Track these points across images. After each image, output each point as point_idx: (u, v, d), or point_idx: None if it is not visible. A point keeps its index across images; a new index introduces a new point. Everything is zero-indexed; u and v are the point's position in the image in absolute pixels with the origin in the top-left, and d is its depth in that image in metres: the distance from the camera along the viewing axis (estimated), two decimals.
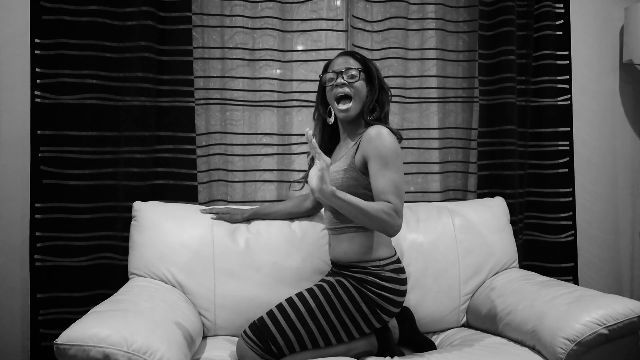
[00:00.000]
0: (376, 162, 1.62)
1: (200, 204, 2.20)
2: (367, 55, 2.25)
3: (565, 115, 2.46)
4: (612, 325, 1.56)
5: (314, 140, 1.47)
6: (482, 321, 1.93)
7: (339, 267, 1.77)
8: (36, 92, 2.06)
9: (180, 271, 1.84)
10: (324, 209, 1.96)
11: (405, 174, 2.43)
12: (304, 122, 2.35)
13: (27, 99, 2.10)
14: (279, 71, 2.35)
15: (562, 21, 2.45)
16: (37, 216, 2.07)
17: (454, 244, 2.03)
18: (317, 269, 1.91)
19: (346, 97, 1.74)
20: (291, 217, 2.00)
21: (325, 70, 1.83)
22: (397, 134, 1.71)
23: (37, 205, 2.07)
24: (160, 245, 1.86)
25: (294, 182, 2.04)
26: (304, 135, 2.27)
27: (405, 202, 2.32)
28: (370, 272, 1.68)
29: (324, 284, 1.70)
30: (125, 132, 2.10)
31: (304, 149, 2.33)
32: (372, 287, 1.66)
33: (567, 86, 2.46)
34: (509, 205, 2.23)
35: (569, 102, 2.46)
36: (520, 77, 2.40)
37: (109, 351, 1.32)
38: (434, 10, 2.43)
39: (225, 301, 1.84)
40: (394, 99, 2.34)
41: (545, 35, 2.42)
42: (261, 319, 1.66)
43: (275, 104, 2.34)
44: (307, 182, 1.74)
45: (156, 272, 1.83)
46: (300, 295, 1.69)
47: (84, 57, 2.08)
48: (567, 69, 2.46)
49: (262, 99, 2.33)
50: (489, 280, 2.02)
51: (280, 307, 1.67)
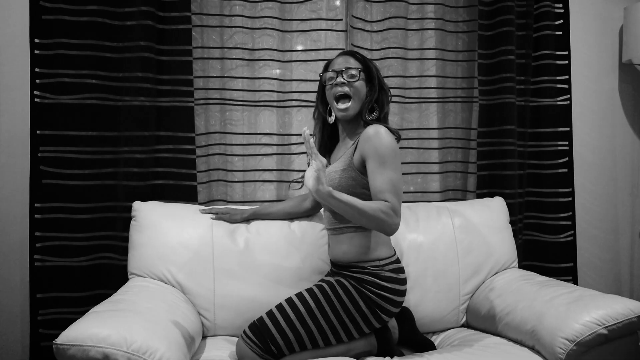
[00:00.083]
0: (374, 161, 1.62)
1: (199, 204, 2.20)
2: (367, 55, 2.25)
3: (564, 115, 2.46)
4: (611, 325, 1.56)
5: (312, 140, 1.47)
6: (482, 321, 1.93)
7: (338, 267, 1.77)
8: (36, 92, 2.06)
9: (179, 271, 1.84)
10: (323, 209, 1.96)
11: (404, 174, 2.44)
12: (303, 122, 2.35)
13: (26, 99, 2.10)
14: (278, 71, 2.35)
15: (561, 21, 2.45)
16: (36, 216, 2.07)
17: (453, 244, 2.03)
18: (317, 269, 1.91)
19: (345, 97, 1.74)
20: (291, 217, 2.00)
21: (325, 69, 1.82)
22: (395, 133, 1.70)
23: (36, 205, 2.07)
24: (159, 245, 1.85)
25: (294, 181, 2.04)
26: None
27: (404, 202, 2.34)
28: (369, 272, 1.68)
29: (324, 284, 1.70)
30: (124, 132, 2.10)
31: (304, 149, 2.33)
32: (371, 287, 1.66)
33: (566, 86, 2.46)
34: (508, 205, 2.23)
35: (569, 102, 2.46)
36: (519, 77, 2.40)
37: (109, 351, 1.32)
38: (434, 10, 2.43)
39: (224, 301, 1.84)
40: (394, 99, 2.34)
41: (544, 35, 2.42)
42: (261, 319, 1.66)
43: (274, 104, 2.34)
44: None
45: (156, 272, 1.83)
46: (299, 295, 1.68)
47: (83, 57, 2.08)
48: (566, 69, 2.46)
49: (262, 99, 2.33)
50: (489, 280, 2.03)
51: (279, 307, 1.67)
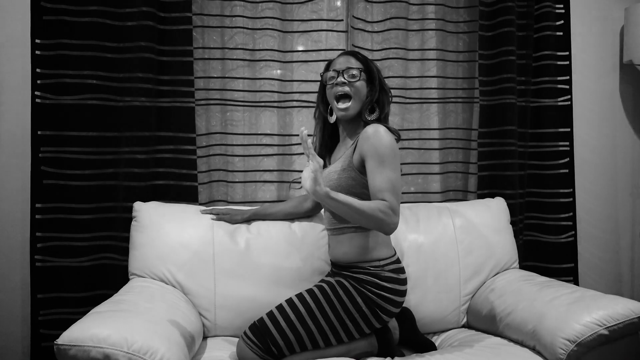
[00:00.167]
0: (373, 160, 1.62)
1: (200, 204, 2.20)
2: (367, 55, 2.24)
3: (565, 115, 2.46)
4: (612, 326, 1.56)
5: (309, 141, 1.47)
6: (483, 322, 1.93)
7: (338, 267, 1.77)
8: (37, 93, 2.06)
9: (180, 271, 1.84)
10: (323, 209, 1.96)
11: (405, 174, 2.44)
12: (304, 123, 2.35)
13: (27, 100, 2.10)
14: (279, 72, 2.35)
15: (562, 22, 2.45)
16: (37, 216, 2.07)
17: (454, 245, 2.02)
18: (317, 269, 1.91)
19: (346, 96, 1.74)
20: (291, 217, 1.99)
21: (326, 68, 1.83)
22: (395, 132, 1.71)
23: (37, 205, 2.07)
24: (160, 245, 1.86)
25: (293, 182, 2.04)
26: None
27: (405, 202, 2.35)
28: (369, 273, 1.68)
29: (324, 285, 1.70)
30: (125, 133, 2.10)
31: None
32: (371, 288, 1.66)
33: (567, 87, 2.46)
34: (509, 205, 2.23)
35: (569, 102, 2.46)
36: (520, 78, 2.39)
37: (109, 351, 1.32)
38: (434, 10, 2.43)
39: (225, 301, 1.84)
40: (395, 100, 2.34)
41: (545, 35, 2.42)
42: (261, 319, 1.66)
43: (275, 104, 2.34)
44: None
45: (156, 273, 1.83)
46: (300, 296, 1.68)
47: (84, 57, 2.09)
48: (567, 70, 2.46)
49: (263, 100, 2.33)
50: (489, 280, 2.02)
51: (280, 307, 1.67)
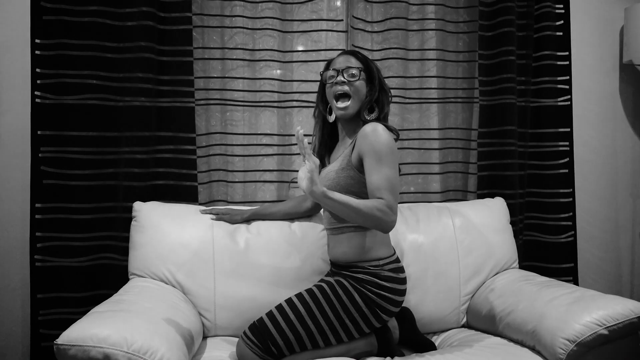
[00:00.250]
0: (371, 158, 1.62)
1: (200, 204, 2.20)
2: (367, 55, 2.25)
3: (565, 115, 2.46)
4: (612, 325, 1.56)
5: (305, 140, 1.47)
6: (483, 322, 1.93)
7: (338, 267, 1.77)
8: (36, 93, 2.06)
9: (180, 271, 1.84)
10: (323, 209, 1.96)
11: (405, 174, 2.44)
12: (304, 123, 2.35)
13: (27, 99, 2.10)
14: (279, 72, 2.35)
15: (562, 22, 2.45)
16: (37, 216, 2.07)
17: (454, 245, 2.02)
18: (317, 269, 1.91)
19: (345, 96, 1.74)
20: (291, 217, 1.99)
21: (326, 67, 1.83)
22: (394, 131, 1.71)
23: (37, 205, 2.07)
24: (160, 245, 1.85)
25: (293, 181, 2.04)
26: (304, 135, 2.27)
27: (405, 202, 2.35)
28: (369, 272, 1.68)
29: (323, 285, 1.70)
30: (125, 133, 2.10)
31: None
32: (371, 287, 1.66)
33: (567, 87, 2.46)
34: (509, 205, 2.23)
35: (569, 102, 2.46)
36: (520, 78, 2.39)
37: (109, 351, 1.32)
38: (434, 10, 2.43)
39: (225, 301, 1.84)
40: (395, 100, 2.34)
41: (545, 35, 2.42)
42: (261, 319, 1.66)
43: (275, 104, 2.34)
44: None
45: (156, 273, 1.83)
46: (299, 295, 1.68)
47: (84, 57, 2.08)
48: (567, 70, 2.46)
49: (263, 100, 2.33)
50: (489, 280, 2.02)
51: (279, 307, 1.67)
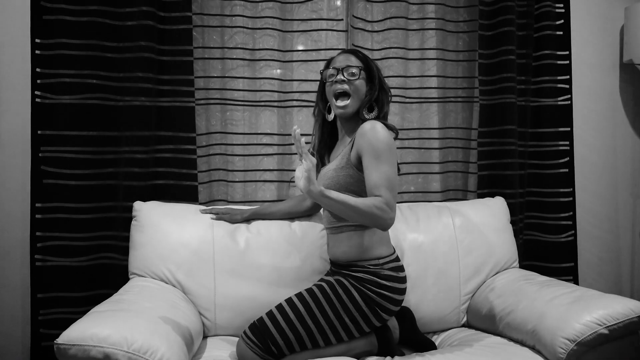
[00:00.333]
0: (369, 156, 1.62)
1: (200, 204, 2.20)
2: (368, 55, 2.25)
3: (565, 115, 2.46)
4: (612, 325, 1.56)
5: (302, 139, 1.47)
6: (483, 321, 1.93)
7: (338, 266, 1.77)
8: (36, 92, 2.06)
9: (180, 271, 1.84)
10: (322, 208, 1.96)
11: (405, 173, 2.44)
12: (304, 122, 2.35)
13: (27, 99, 2.10)
14: (279, 71, 2.35)
15: (562, 21, 2.45)
16: (37, 216, 2.07)
17: (454, 244, 2.02)
18: (317, 268, 1.91)
19: (344, 94, 1.74)
20: (291, 216, 1.99)
21: (326, 66, 1.83)
22: (392, 129, 1.71)
23: (37, 205, 2.07)
24: (160, 245, 1.86)
25: (293, 180, 2.04)
26: (304, 135, 2.27)
27: (405, 202, 2.35)
28: (369, 271, 1.68)
29: (323, 284, 1.70)
30: (125, 132, 2.10)
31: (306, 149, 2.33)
32: (371, 286, 1.66)
33: (567, 86, 2.46)
34: (509, 205, 2.23)
35: (569, 102, 2.46)
36: (520, 77, 2.39)
37: (109, 351, 1.32)
38: (434, 10, 2.43)
39: (225, 301, 1.84)
40: (395, 99, 2.34)
41: (545, 35, 2.42)
42: (261, 319, 1.66)
43: (275, 104, 2.34)
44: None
45: (156, 272, 1.83)
46: (299, 295, 1.68)
47: (84, 57, 2.08)
48: (567, 69, 2.46)
49: (263, 99, 2.33)
50: (489, 280, 2.02)
51: (279, 307, 1.67)
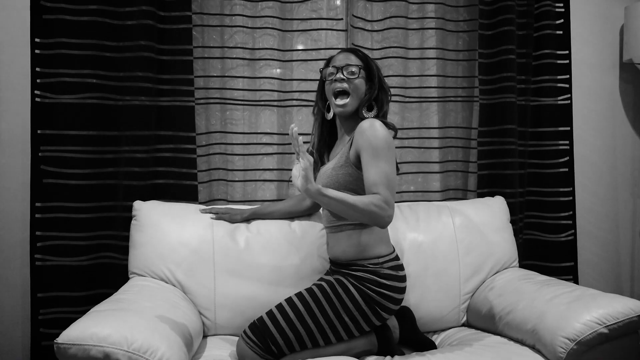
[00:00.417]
0: (368, 153, 1.62)
1: (200, 203, 2.20)
2: (367, 54, 2.25)
3: (565, 114, 2.46)
4: (612, 324, 1.56)
5: (300, 138, 1.47)
6: (483, 320, 1.93)
7: (337, 265, 1.77)
8: (36, 92, 2.06)
9: (180, 270, 1.84)
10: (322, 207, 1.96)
11: (405, 173, 2.44)
12: (304, 122, 2.35)
13: (27, 99, 2.10)
14: (279, 70, 2.35)
15: (562, 20, 2.45)
16: (37, 215, 2.07)
17: (454, 243, 2.02)
18: (317, 268, 1.91)
19: (344, 93, 1.74)
20: (291, 216, 1.99)
21: (326, 64, 1.83)
22: (391, 127, 1.71)
23: (37, 204, 2.07)
24: (160, 244, 1.86)
25: (292, 179, 2.04)
26: (303, 134, 2.27)
27: (405, 201, 2.35)
28: (368, 270, 1.68)
29: (323, 283, 1.70)
30: (125, 132, 2.10)
31: (304, 148, 2.33)
32: (371, 285, 1.66)
33: (567, 85, 2.46)
34: (509, 204, 2.23)
35: (569, 101, 2.46)
36: (520, 77, 2.39)
37: (110, 350, 1.32)
38: (434, 9, 2.43)
39: (225, 300, 1.84)
40: (394, 99, 2.34)
41: (545, 34, 2.42)
42: (261, 319, 1.66)
43: (275, 103, 2.34)
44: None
45: (156, 272, 1.83)
46: (299, 294, 1.68)
47: (84, 56, 2.08)
48: (567, 68, 2.46)
49: (262, 99, 2.33)
50: (489, 279, 2.02)
51: (279, 307, 1.67)
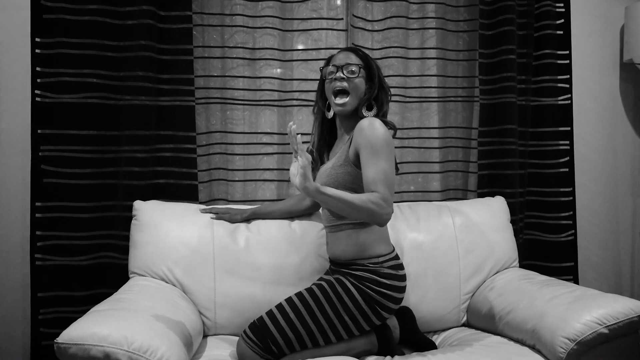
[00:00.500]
0: (367, 151, 1.61)
1: (200, 203, 2.20)
2: (368, 54, 2.26)
3: (565, 114, 2.46)
4: (612, 324, 1.56)
5: (298, 136, 1.47)
6: (483, 320, 1.93)
7: (337, 265, 1.77)
8: (36, 91, 2.06)
9: (180, 270, 1.84)
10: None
11: (405, 173, 2.44)
12: (304, 121, 2.35)
13: (27, 98, 2.10)
14: (279, 70, 2.35)
15: (562, 20, 2.45)
16: (37, 215, 2.07)
17: (454, 243, 2.02)
18: (317, 268, 1.91)
19: (344, 92, 1.74)
20: (291, 215, 1.99)
21: (326, 63, 1.83)
22: (391, 126, 1.71)
23: (37, 204, 2.07)
24: (160, 244, 1.85)
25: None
26: (303, 134, 2.27)
27: (405, 201, 2.35)
28: (368, 270, 1.68)
29: (323, 283, 1.70)
30: (125, 131, 2.10)
31: (305, 148, 2.33)
32: (371, 285, 1.66)
33: (567, 85, 2.46)
34: (509, 204, 2.22)
35: (570, 101, 2.46)
36: (520, 77, 2.39)
37: (110, 350, 1.32)
38: (434, 9, 2.43)
39: (225, 300, 1.84)
40: (395, 98, 2.34)
41: (545, 34, 2.41)
42: (261, 318, 1.66)
43: (275, 103, 2.34)
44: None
45: (156, 271, 1.83)
46: (299, 294, 1.68)
47: (84, 56, 2.08)
48: (567, 68, 2.46)
49: (263, 98, 2.33)
50: (490, 279, 2.02)
51: (279, 306, 1.67)
